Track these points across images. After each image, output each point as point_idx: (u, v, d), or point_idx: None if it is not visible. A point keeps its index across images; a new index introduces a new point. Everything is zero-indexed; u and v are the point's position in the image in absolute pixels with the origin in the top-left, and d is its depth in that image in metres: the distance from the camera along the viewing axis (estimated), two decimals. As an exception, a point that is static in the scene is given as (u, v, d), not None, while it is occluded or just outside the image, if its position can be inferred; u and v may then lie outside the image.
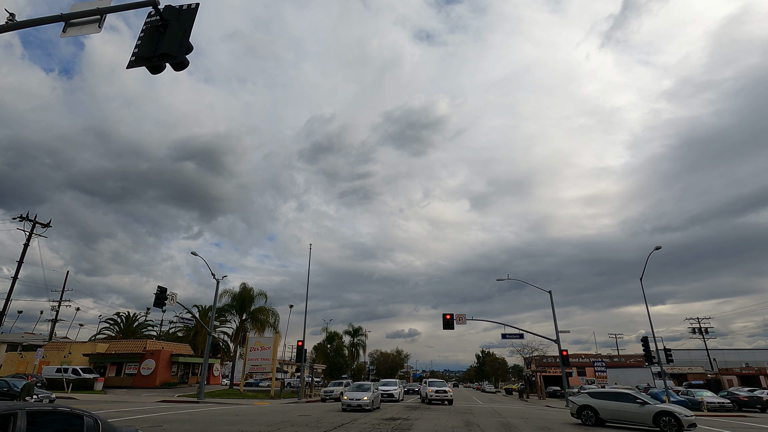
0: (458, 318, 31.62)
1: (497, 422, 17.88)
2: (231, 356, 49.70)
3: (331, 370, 72.16)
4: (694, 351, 63.96)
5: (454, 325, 31.38)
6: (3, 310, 31.02)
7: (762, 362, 55.77)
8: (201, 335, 49.02)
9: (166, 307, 31.52)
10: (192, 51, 6.86)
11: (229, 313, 43.50)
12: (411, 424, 16.13)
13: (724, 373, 55.72)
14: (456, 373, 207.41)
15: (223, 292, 40.69)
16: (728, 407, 28.85)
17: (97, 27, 7.24)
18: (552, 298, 33.73)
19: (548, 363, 66.36)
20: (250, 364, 35.50)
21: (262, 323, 41.43)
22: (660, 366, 30.92)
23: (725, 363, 61.33)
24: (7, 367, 41.43)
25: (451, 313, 31.47)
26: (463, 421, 18.05)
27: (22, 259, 31.78)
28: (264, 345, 35.72)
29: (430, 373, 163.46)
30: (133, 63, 6.79)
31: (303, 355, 35.94)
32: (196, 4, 6.91)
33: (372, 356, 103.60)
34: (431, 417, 19.51)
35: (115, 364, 41.43)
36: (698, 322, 61.08)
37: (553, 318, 33.35)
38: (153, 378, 39.25)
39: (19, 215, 32.62)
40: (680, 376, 56.32)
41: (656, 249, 29.32)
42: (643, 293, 31.75)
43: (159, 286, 26.14)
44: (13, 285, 31.30)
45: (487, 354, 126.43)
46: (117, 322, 57.54)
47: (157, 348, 41.63)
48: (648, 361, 31.24)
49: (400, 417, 19.06)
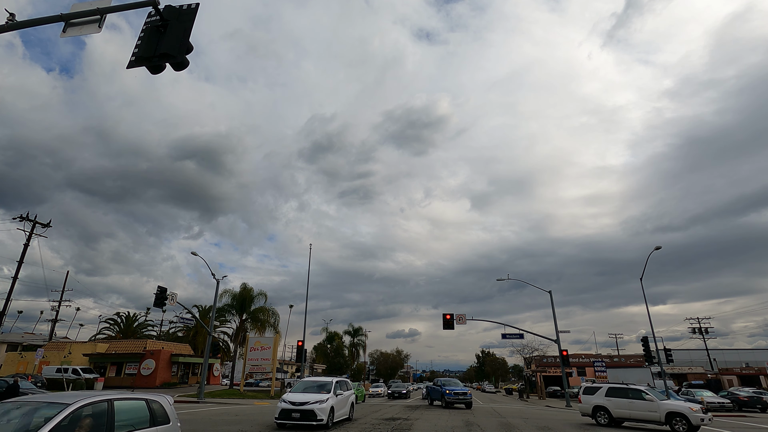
0: (458, 318, 31.61)
1: (497, 422, 17.88)
2: (231, 356, 49.70)
3: (331, 370, 72.22)
4: (694, 351, 63.94)
5: (454, 325, 31.37)
6: (3, 310, 31.02)
7: (762, 362, 55.77)
8: (201, 335, 49.01)
9: (166, 307, 31.53)
10: (192, 51, 6.87)
11: (229, 313, 43.50)
12: (411, 424, 16.12)
13: (724, 373, 55.72)
14: (456, 373, 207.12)
15: (223, 292, 40.72)
16: (728, 407, 28.84)
17: (97, 27, 7.24)
18: (552, 298, 33.74)
19: (548, 363, 66.35)
20: (250, 364, 35.49)
21: (262, 323, 41.43)
22: (660, 366, 30.93)
23: (725, 363, 61.32)
24: (7, 367, 41.43)
25: (451, 313, 31.46)
26: (463, 421, 18.05)
27: (22, 259, 31.79)
28: (264, 345, 35.71)
29: (430, 373, 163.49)
30: (133, 63, 6.80)
31: (303, 355, 35.95)
32: (196, 4, 6.90)
33: (372, 356, 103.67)
34: (431, 417, 19.51)
35: (115, 364, 41.42)
36: (698, 322, 61.07)
37: (554, 318, 33.38)
38: (153, 378, 39.25)
39: (19, 215, 32.63)
40: (680, 376, 56.30)
41: (656, 249, 29.34)
42: (643, 293, 31.78)
43: (159, 286, 26.13)
44: (13, 285, 31.32)
45: (487, 354, 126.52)
46: (117, 322, 57.56)
47: (157, 348, 41.64)
48: (648, 361, 31.25)
49: (400, 417, 19.06)
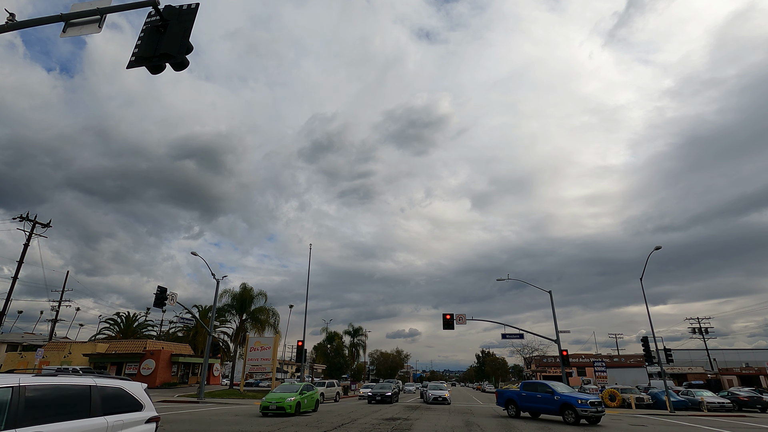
0: (458, 318, 31.57)
1: (497, 422, 17.88)
2: (231, 356, 49.67)
3: (331, 370, 72.14)
4: (694, 351, 63.95)
5: (454, 325, 31.33)
6: (3, 310, 31.01)
7: (762, 362, 55.75)
8: (201, 335, 49.00)
9: (166, 307, 31.56)
10: (192, 51, 6.86)
11: (229, 313, 43.48)
12: (411, 424, 16.12)
13: (724, 373, 55.72)
14: (456, 373, 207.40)
15: (223, 292, 40.72)
16: (728, 407, 28.84)
17: (97, 27, 7.24)
18: (552, 298, 33.70)
19: (548, 363, 66.39)
20: (250, 364, 35.49)
21: (262, 323, 41.42)
22: (660, 366, 30.88)
23: (725, 363, 61.32)
24: (7, 367, 41.41)
25: (451, 313, 31.42)
26: (463, 421, 18.04)
27: (22, 259, 31.77)
28: (264, 345, 35.71)
29: (430, 373, 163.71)
30: (133, 63, 6.79)
31: (303, 355, 35.95)
32: (196, 4, 6.90)
33: (372, 356, 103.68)
34: (431, 417, 19.50)
35: (115, 364, 41.41)
36: (698, 322, 61.08)
37: (554, 318, 33.34)
38: (153, 378, 39.25)
39: (19, 215, 32.61)
40: (680, 376, 56.31)
41: (656, 249, 29.28)
42: (643, 293, 31.73)
43: (159, 286, 26.14)
44: (13, 285, 31.30)
45: (487, 354, 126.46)
46: (117, 322, 57.53)
47: (157, 348, 41.63)
48: (648, 361, 31.20)
49: (400, 417, 19.05)
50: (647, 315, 31.44)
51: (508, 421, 18.64)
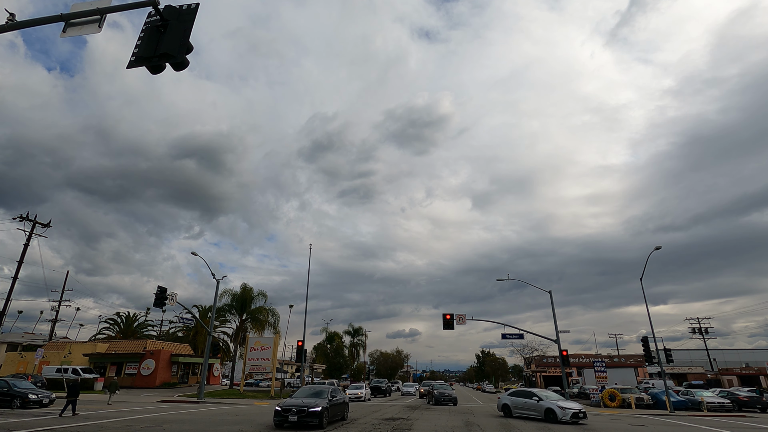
0: (458, 318, 31.57)
1: (497, 422, 17.88)
2: (231, 356, 49.67)
3: (331, 370, 72.18)
4: (694, 351, 63.96)
5: (454, 325, 31.33)
6: (3, 310, 31.01)
7: (762, 362, 55.74)
8: (201, 335, 49.00)
9: (166, 307, 31.52)
10: (192, 51, 6.86)
11: (229, 313, 43.50)
12: (411, 424, 16.12)
13: (724, 373, 55.70)
14: (456, 373, 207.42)
15: (223, 291, 40.74)
16: (728, 407, 28.83)
17: (97, 27, 7.23)
18: (552, 298, 33.70)
19: (548, 363, 66.32)
20: (250, 364, 35.50)
21: (262, 323, 41.44)
22: (660, 366, 30.87)
23: (725, 363, 61.31)
24: (7, 367, 41.43)
25: (451, 313, 31.41)
26: (463, 421, 18.05)
27: (22, 259, 31.78)
28: (264, 345, 35.72)
29: (430, 373, 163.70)
30: (133, 63, 6.79)
31: (303, 355, 35.94)
32: (196, 4, 6.89)
33: (372, 356, 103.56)
34: (431, 417, 19.50)
35: (115, 364, 41.41)
36: (698, 322, 61.07)
37: (554, 318, 33.33)
38: (153, 378, 39.25)
39: (19, 215, 32.62)
40: (680, 376, 56.28)
41: (656, 249, 29.27)
42: (643, 293, 31.72)
43: (159, 286, 26.14)
44: (13, 285, 31.31)
45: (487, 354, 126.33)
46: (117, 322, 57.54)
47: (157, 348, 41.63)
48: (648, 361, 31.19)
49: (400, 417, 19.05)
50: (647, 315, 31.44)
51: (508, 421, 18.64)
